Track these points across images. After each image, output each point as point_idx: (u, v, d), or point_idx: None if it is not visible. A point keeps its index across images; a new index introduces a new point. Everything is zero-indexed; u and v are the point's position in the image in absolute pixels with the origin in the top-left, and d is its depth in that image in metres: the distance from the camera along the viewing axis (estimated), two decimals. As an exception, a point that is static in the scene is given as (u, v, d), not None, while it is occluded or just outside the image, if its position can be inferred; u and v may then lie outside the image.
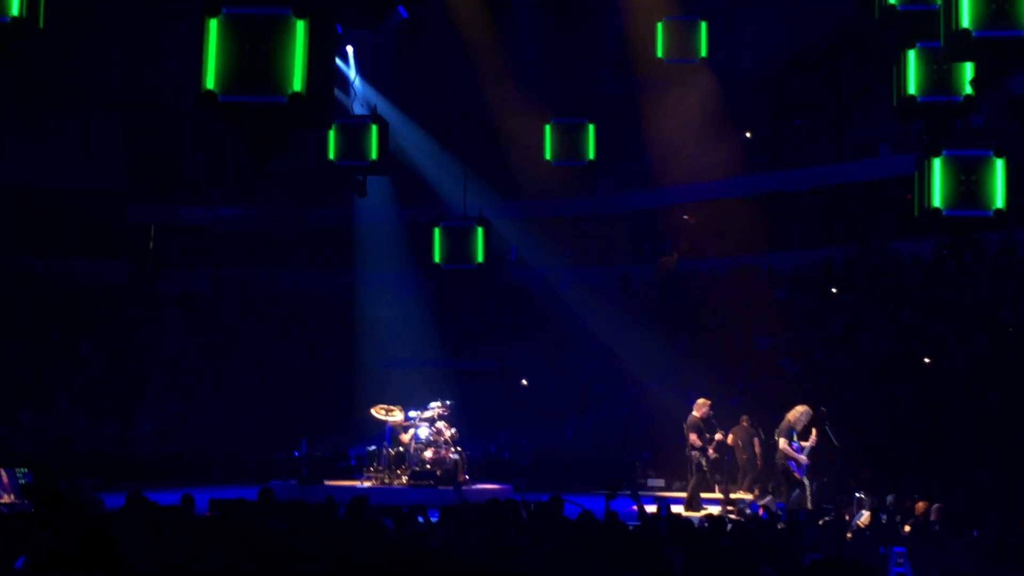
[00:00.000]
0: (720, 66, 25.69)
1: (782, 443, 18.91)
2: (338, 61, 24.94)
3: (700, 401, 21.15)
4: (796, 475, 18.79)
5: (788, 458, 18.85)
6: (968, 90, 14.95)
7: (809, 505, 18.07)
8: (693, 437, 20.81)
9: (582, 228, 27.38)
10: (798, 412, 19.13)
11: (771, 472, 21.99)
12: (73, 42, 27.92)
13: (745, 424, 22.62)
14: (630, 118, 27.17)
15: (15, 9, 10.15)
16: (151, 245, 28.29)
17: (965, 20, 12.06)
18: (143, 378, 28.33)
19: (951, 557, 12.52)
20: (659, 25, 19.43)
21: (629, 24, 25.81)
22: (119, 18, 29.63)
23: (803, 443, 18.95)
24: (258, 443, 26.52)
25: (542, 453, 26.34)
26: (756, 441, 22.32)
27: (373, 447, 22.38)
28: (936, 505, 15.70)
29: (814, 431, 18.96)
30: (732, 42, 26.13)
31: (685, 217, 28.19)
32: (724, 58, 25.82)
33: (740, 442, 22.34)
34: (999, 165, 12.52)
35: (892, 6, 14.61)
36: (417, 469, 21.38)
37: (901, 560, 11.17)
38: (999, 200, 12.26)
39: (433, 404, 22.42)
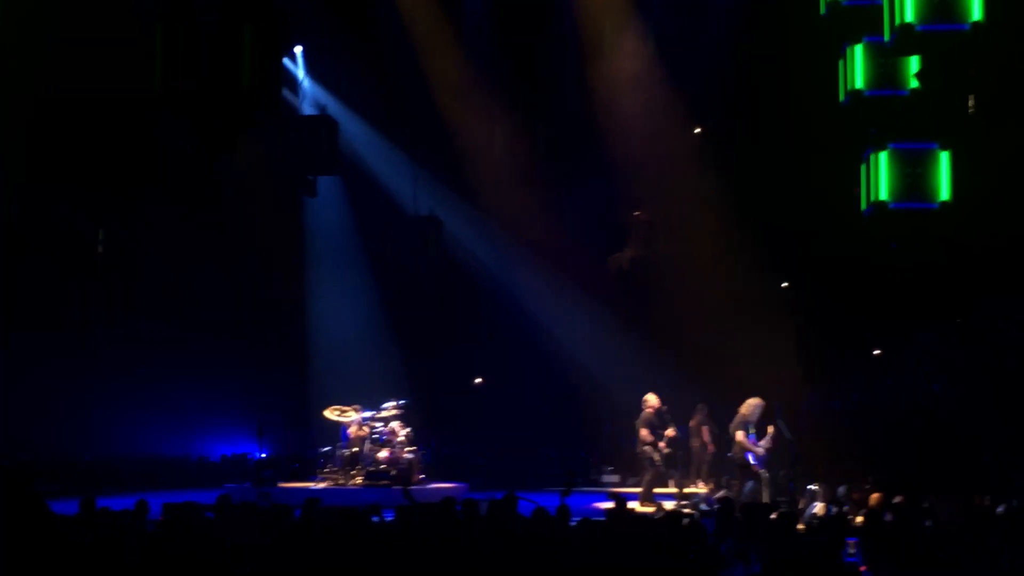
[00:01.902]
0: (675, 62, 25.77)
1: (739, 436, 18.78)
2: (287, 61, 24.87)
3: (650, 396, 21.22)
4: (754, 467, 18.72)
5: (746, 450, 18.79)
6: (914, 83, 15.11)
7: (766, 498, 18.03)
8: (644, 432, 20.90)
9: (536, 225, 27.33)
10: (751, 405, 19.05)
11: (724, 464, 22.09)
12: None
13: (701, 412, 22.80)
14: (585, 116, 27.11)
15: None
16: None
17: (909, 14, 12.20)
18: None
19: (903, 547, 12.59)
20: None
21: (583, 23, 25.86)
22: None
23: (760, 442, 18.87)
24: (213, 446, 26.35)
25: (498, 451, 26.32)
26: (704, 429, 22.48)
27: (327, 448, 22.31)
28: (898, 498, 15.67)
29: (769, 428, 18.85)
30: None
31: (636, 213, 28.24)
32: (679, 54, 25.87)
33: (692, 427, 22.58)
34: (944, 158, 12.67)
35: (837, 1, 14.77)
36: (372, 469, 21.33)
37: (853, 550, 11.23)
38: (944, 192, 12.43)
39: (387, 404, 22.39)
